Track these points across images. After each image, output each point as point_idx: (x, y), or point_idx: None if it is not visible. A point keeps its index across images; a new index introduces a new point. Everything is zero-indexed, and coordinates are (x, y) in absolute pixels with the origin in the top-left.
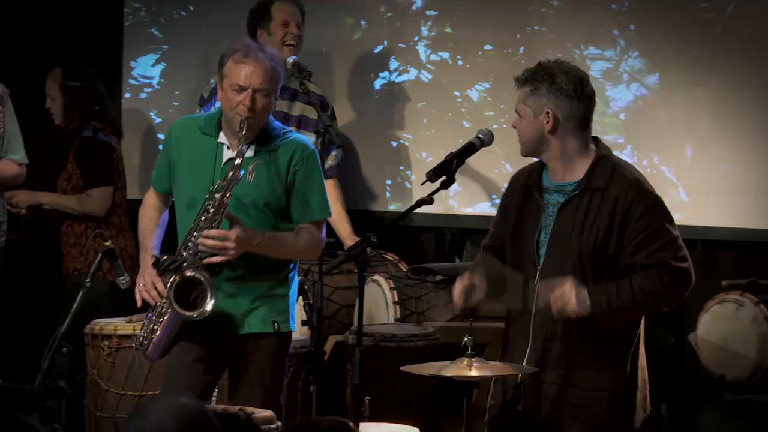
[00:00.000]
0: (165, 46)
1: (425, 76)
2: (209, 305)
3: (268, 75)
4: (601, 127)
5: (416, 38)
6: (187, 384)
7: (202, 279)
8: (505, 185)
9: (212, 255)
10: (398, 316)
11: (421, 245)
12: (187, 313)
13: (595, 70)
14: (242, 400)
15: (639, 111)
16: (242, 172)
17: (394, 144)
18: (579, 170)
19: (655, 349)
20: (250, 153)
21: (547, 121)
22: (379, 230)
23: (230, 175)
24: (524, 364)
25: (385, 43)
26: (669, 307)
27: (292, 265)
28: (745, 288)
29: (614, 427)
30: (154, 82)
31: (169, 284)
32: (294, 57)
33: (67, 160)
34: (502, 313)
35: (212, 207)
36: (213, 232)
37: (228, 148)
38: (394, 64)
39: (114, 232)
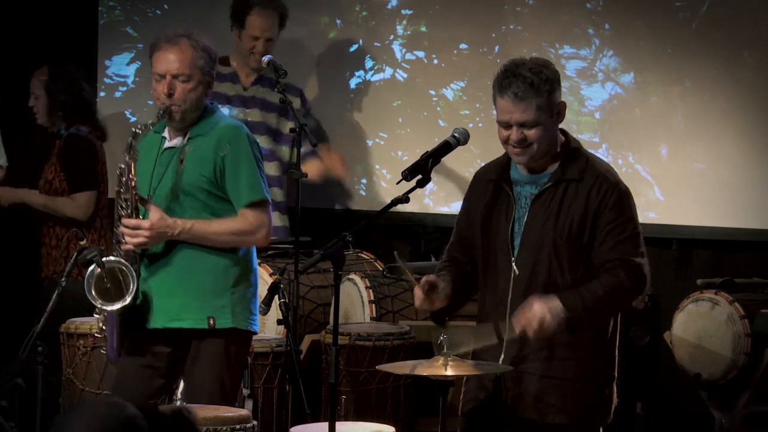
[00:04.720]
0: (140, 45)
1: (400, 75)
2: (129, 295)
3: (187, 60)
4: (576, 126)
5: (391, 37)
6: (135, 390)
7: (123, 268)
8: None
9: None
10: (374, 315)
11: (396, 244)
12: (108, 305)
13: (570, 69)
14: (191, 402)
15: (614, 110)
16: (134, 177)
17: (370, 143)
18: (551, 162)
19: (630, 348)
20: (177, 141)
21: (559, 113)
22: (354, 229)
23: (123, 179)
24: (502, 356)
25: (361, 42)
26: (627, 307)
27: (241, 256)
28: (720, 287)
29: (594, 419)
30: (129, 80)
31: (87, 276)
32: (269, 56)
33: (49, 162)
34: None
35: (125, 206)
36: (129, 221)
37: (168, 139)
38: (369, 62)
39: (96, 236)
